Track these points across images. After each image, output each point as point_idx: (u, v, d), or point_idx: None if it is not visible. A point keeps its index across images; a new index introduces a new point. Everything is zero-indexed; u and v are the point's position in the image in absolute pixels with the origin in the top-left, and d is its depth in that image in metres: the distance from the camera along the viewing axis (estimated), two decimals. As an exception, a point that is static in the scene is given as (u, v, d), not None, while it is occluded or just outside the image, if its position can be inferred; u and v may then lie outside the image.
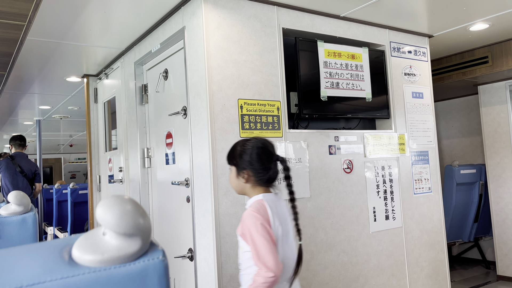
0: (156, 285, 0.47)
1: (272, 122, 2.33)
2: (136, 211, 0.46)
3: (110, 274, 0.44)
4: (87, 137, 3.81)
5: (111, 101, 3.63)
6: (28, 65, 3.21)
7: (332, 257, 2.46)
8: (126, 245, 0.45)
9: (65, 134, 8.45)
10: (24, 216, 1.18)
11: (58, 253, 0.45)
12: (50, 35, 2.64)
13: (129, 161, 3.18)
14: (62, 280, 0.41)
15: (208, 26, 2.18)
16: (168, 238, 2.72)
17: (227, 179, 2.14)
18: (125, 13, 2.47)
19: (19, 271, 0.41)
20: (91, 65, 3.54)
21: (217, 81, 2.18)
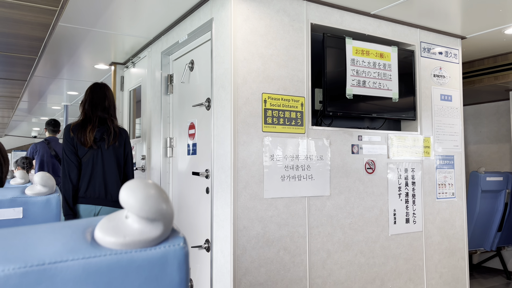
0: (175, 271, 0.46)
1: (295, 118, 2.31)
2: (159, 196, 0.45)
3: (131, 257, 0.44)
4: (111, 124, 3.88)
5: (137, 90, 3.68)
6: (58, 51, 3.28)
7: (349, 257, 2.43)
8: (148, 229, 0.45)
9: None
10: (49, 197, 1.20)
11: (81, 233, 0.45)
12: (81, 22, 2.69)
13: (151, 149, 3.22)
14: (84, 260, 0.41)
15: (236, 18, 2.17)
16: (186, 228, 2.74)
17: (248, 173, 2.15)
18: (155, 3, 2.49)
19: (42, 249, 0.41)
20: (119, 53, 3.59)
21: (242, 74, 2.17)
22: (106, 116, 2.56)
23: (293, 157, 2.28)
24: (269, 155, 2.21)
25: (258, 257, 2.14)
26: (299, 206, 2.28)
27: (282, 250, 2.21)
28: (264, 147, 2.20)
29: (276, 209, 2.21)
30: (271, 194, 2.20)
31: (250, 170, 2.16)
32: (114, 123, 2.60)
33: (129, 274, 0.44)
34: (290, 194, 2.25)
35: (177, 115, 2.96)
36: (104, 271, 0.42)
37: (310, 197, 2.32)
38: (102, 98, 2.58)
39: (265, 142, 2.21)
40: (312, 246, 2.30)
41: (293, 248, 2.24)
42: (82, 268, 0.41)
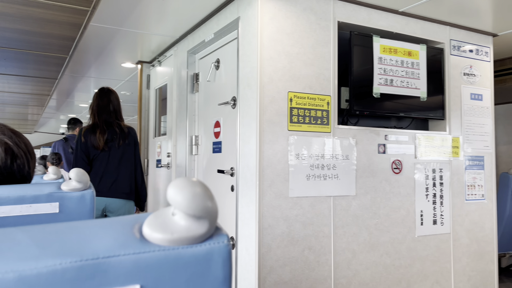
0: (220, 268, 0.47)
1: (321, 117, 2.30)
2: (205, 194, 0.46)
3: (178, 253, 0.45)
4: (138, 122, 3.95)
5: (163, 88, 3.73)
6: (88, 49, 3.36)
7: (374, 258, 2.41)
8: (194, 226, 0.46)
9: (116, 118, 8.80)
10: (83, 192, 1.24)
11: (130, 229, 0.46)
12: (111, 22, 2.74)
13: (177, 147, 3.26)
14: (134, 255, 0.43)
15: (263, 17, 2.17)
16: (210, 225, 2.77)
17: (273, 171, 2.15)
18: (182, 2, 2.52)
19: (95, 243, 0.42)
20: (145, 52, 3.65)
21: (268, 72, 2.18)
22: (111, 119, 2.76)
23: (319, 156, 2.27)
24: (294, 154, 2.21)
25: (282, 256, 2.14)
26: (324, 206, 2.27)
27: (307, 249, 2.20)
28: (289, 146, 2.20)
29: (301, 208, 2.20)
30: (296, 193, 2.20)
31: (275, 169, 2.16)
32: (120, 124, 2.79)
33: (176, 269, 0.45)
34: (315, 193, 2.24)
35: (202, 113, 2.99)
36: (153, 266, 0.44)
37: (336, 197, 2.31)
38: (107, 103, 2.78)
39: (290, 141, 2.21)
40: (337, 246, 2.29)
41: (318, 248, 2.24)
42: (133, 263, 0.42)
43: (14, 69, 3.56)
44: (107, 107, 2.76)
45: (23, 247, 0.39)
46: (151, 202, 3.83)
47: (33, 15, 2.08)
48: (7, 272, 0.36)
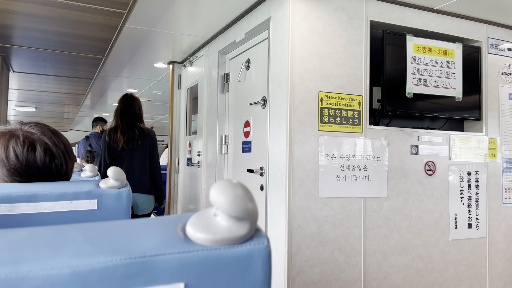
0: (260, 269, 0.48)
1: (352, 117, 2.28)
2: (246, 196, 0.48)
3: (220, 253, 0.46)
4: (169, 121, 4.02)
5: (193, 88, 3.79)
6: (122, 50, 3.45)
7: (406, 261, 2.36)
8: (236, 227, 0.47)
9: (147, 117, 9.00)
10: (120, 190, 1.27)
11: (174, 228, 0.48)
12: (145, 23, 2.81)
13: (207, 146, 3.30)
14: (179, 254, 0.44)
15: (294, 17, 2.17)
16: (240, 224, 2.79)
17: (303, 171, 2.15)
18: (213, 3, 2.55)
19: (143, 242, 0.44)
20: (177, 53, 3.71)
21: (299, 72, 2.17)
22: (132, 122, 3.05)
23: (350, 157, 2.25)
24: (325, 154, 2.20)
25: (312, 256, 2.13)
26: (355, 207, 2.25)
27: (336, 250, 2.19)
28: (319, 146, 2.19)
29: (331, 209, 2.19)
30: (327, 194, 2.19)
31: (305, 169, 2.16)
32: (140, 127, 3.08)
33: (218, 269, 0.46)
34: (345, 194, 2.23)
35: (232, 113, 3.01)
36: (196, 265, 0.45)
37: (367, 198, 2.28)
38: (129, 107, 3.07)
39: (321, 141, 2.20)
40: (367, 247, 2.26)
41: (348, 249, 2.22)
42: (178, 261, 0.44)
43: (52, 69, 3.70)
44: (129, 111, 3.05)
45: (77, 244, 0.41)
46: (181, 199, 3.90)
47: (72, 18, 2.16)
48: (63, 268, 0.38)
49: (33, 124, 1.14)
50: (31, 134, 1.10)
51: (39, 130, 1.12)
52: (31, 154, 1.08)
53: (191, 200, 3.63)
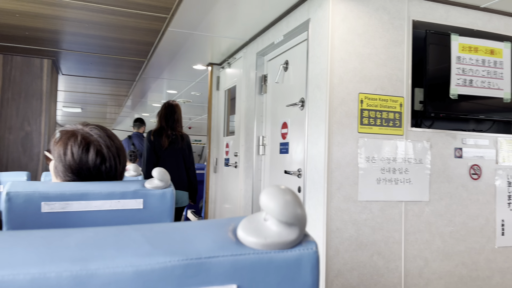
0: (309, 274, 0.49)
1: (393, 119, 2.23)
2: (296, 202, 0.49)
3: (271, 257, 0.48)
4: (208, 122, 4.09)
5: (231, 89, 3.83)
6: (163, 53, 3.55)
7: (448, 267, 2.29)
8: (285, 232, 0.48)
9: (185, 117, 9.19)
10: (164, 190, 1.31)
11: (225, 231, 0.50)
12: (186, 26, 2.88)
13: (244, 147, 3.34)
14: (232, 257, 0.46)
15: (334, 18, 2.16)
16: (277, 225, 2.80)
17: (342, 174, 2.13)
18: (252, 6, 2.58)
19: (198, 244, 0.46)
20: (215, 55, 3.77)
21: (338, 74, 2.16)
22: (174, 126, 3.41)
23: (390, 160, 2.21)
24: (364, 156, 2.17)
25: (350, 260, 2.11)
26: (395, 211, 2.20)
27: (376, 254, 2.16)
28: (359, 148, 2.17)
29: (370, 212, 2.16)
30: (366, 197, 2.16)
31: (344, 172, 2.14)
32: (180, 131, 3.44)
33: (269, 272, 0.47)
34: (385, 198, 2.19)
35: (270, 114, 3.03)
36: (248, 268, 0.47)
37: (407, 202, 2.23)
38: (172, 113, 3.43)
39: (360, 143, 2.17)
40: (408, 252, 2.21)
41: (388, 254, 2.18)
42: (231, 264, 0.46)
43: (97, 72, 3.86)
44: (172, 116, 3.42)
45: (138, 245, 0.44)
46: (219, 199, 3.96)
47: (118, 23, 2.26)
48: (127, 267, 0.41)
49: (94, 126, 1.21)
50: (89, 136, 1.17)
51: (97, 132, 1.19)
52: (84, 155, 1.14)
53: (229, 200, 3.68)
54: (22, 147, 3.11)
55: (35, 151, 3.16)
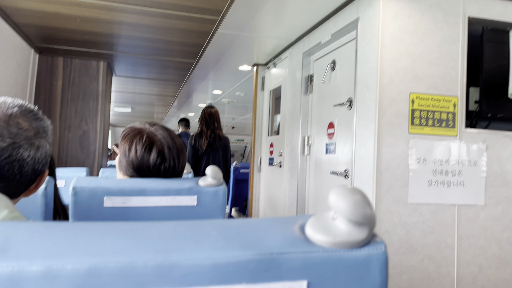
0: (377, 274, 0.49)
1: (446, 119, 2.16)
2: (366, 201, 0.49)
3: (340, 256, 0.48)
4: (252, 121, 4.14)
5: (276, 89, 3.85)
6: (210, 54, 3.62)
7: (505, 275, 2.18)
8: (354, 232, 0.49)
9: (228, 117, 9.32)
10: (217, 188, 1.34)
11: (294, 228, 0.51)
12: (234, 28, 2.93)
13: (289, 147, 3.34)
14: (302, 254, 0.47)
15: (384, 16, 2.12)
16: (322, 226, 2.78)
17: (391, 175, 2.08)
18: (299, 6, 2.58)
19: (269, 240, 0.48)
20: (261, 55, 3.80)
21: (388, 73, 2.11)
22: (213, 129, 3.84)
23: (442, 161, 2.14)
24: (415, 158, 2.11)
25: (400, 263, 2.06)
26: (447, 214, 2.13)
27: (426, 258, 2.09)
28: (410, 149, 2.11)
29: (421, 215, 2.10)
30: (416, 199, 2.10)
31: (393, 173, 2.09)
32: (219, 133, 3.88)
33: (338, 270, 0.48)
34: (437, 201, 2.12)
35: (316, 114, 3.02)
36: (318, 265, 0.48)
37: (461, 206, 2.14)
38: (211, 117, 3.87)
39: (411, 144, 2.11)
40: (461, 258, 2.13)
41: (439, 258, 2.11)
42: (301, 260, 0.47)
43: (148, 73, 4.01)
44: (211, 120, 3.86)
45: (214, 239, 0.46)
46: (263, 198, 3.99)
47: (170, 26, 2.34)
48: (205, 259, 0.43)
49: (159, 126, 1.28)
50: (153, 136, 1.23)
51: (161, 133, 1.25)
52: (147, 154, 1.21)
53: (273, 199, 3.70)
54: (80, 144, 3.30)
55: (92, 149, 3.34)
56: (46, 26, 2.55)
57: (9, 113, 0.83)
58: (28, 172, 0.85)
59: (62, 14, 2.28)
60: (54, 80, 3.26)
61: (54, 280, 0.38)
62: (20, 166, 0.82)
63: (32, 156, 0.84)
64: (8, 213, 0.79)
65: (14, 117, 0.83)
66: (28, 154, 0.83)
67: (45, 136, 0.90)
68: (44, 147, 0.88)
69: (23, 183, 0.86)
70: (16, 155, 0.81)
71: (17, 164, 0.81)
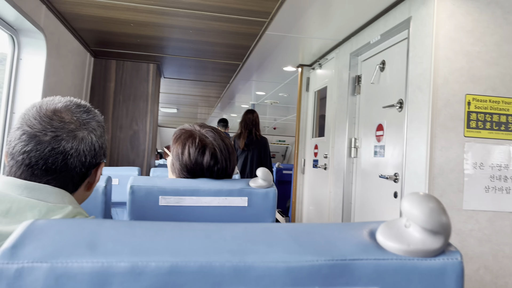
0: (453, 285, 0.48)
1: (505, 123, 2.05)
2: (441, 209, 0.48)
3: (414, 264, 0.47)
4: (296, 122, 4.12)
5: (321, 90, 3.81)
6: (256, 56, 3.65)
7: None
8: (429, 240, 0.48)
9: (270, 118, 9.34)
10: (268, 190, 1.34)
11: (365, 235, 0.50)
12: (281, 29, 2.93)
13: (335, 149, 3.30)
14: (375, 261, 0.46)
15: (439, 15, 2.04)
16: (369, 230, 2.73)
17: (444, 180, 2.01)
18: (347, 6, 2.54)
19: (341, 245, 0.47)
20: (306, 56, 3.78)
21: (443, 74, 2.04)
22: (251, 130, 4.22)
23: (501, 167, 2.03)
24: (471, 162, 2.02)
25: (453, 272, 1.98)
26: (505, 222, 2.02)
27: (482, 268, 1.99)
28: (465, 153, 2.02)
29: (476, 222, 2.00)
30: (472, 206, 2.01)
31: (447, 178, 2.01)
32: (257, 134, 4.25)
33: (411, 279, 0.47)
34: (495, 208, 2.01)
35: (363, 116, 2.96)
36: (391, 273, 0.47)
37: (521, 214, 2.03)
38: (250, 119, 4.25)
39: (466, 148, 2.02)
40: (520, 269, 2.01)
41: (496, 269, 2.00)
42: (374, 267, 0.46)
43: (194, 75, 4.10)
44: (251, 122, 4.24)
45: (286, 242, 0.47)
46: (306, 200, 3.96)
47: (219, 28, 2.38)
48: (279, 262, 0.44)
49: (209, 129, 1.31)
50: (205, 138, 1.26)
51: (212, 135, 1.28)
52: (200, 156, 1.23)
53: (316, 202, 3.66)
54: (130, 144, 3.43)
55: (141, 148, 3.46)
56: (102, 31, 2.68)
57: (52, 109, 0.86)
58: (74, 164, 0.86)
59: (117, 19, 2.38)
60: (107, 82, 3.41)
61: (139, 277, 0.40)
62: (64, 158, 0.84)
63: (76, 148, 0.85)
64: (72, 209, 0.82)
65: (57, 112, 0.86)
66: (71, 146, 0.85)
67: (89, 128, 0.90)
68: (88, 139, 0.89)
69: (73, 176, 0.87)
70: (58, 147, 0.83)
71: (60, 156, 0.83)
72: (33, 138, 0.81)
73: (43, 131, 0.82)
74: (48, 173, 0.83)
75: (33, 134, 0.81)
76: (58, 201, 0.82)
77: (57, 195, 0.82)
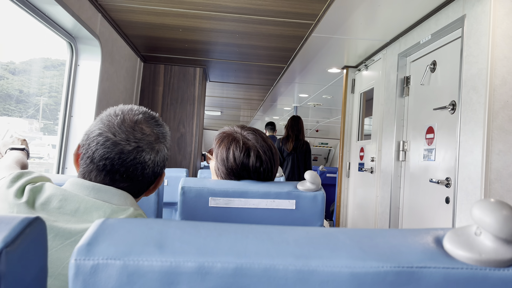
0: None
1: None
2: (515, 218, 0.45)
3: (486, 275, 0.45)
4: (341, 125, 4.06)
5: (367, 92, 3.73)
6: (301, 58, 3.63)
7: None
8: (503, 250, 0.45)
9: (313, 120, 9.25)
10: (316, 193, 1.33)
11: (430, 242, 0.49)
12: (327, 31, 2.90)
13: (382, 152, 3.21)
14: (444, 270, 0.44)
15: (496, 13, 1.94)
16: (418, 236, 2.63)
17: (502, 186, 1.90)
18: (396, 6, 2.47)
19: (406, 252, 0.46)
20: (351, 57, 3.72)
21: (501, 74, 1.93)
22: (297, 134, 4.46)
23: None
24: (532, 167, 1.90)
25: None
26: None
27: (545, 281, 1.86)
28: (525, 158, 1.90)
29: (539, 231, 1.88)
30: (533, 214, 1.88)
31: (505, 183, 1.90)
32: (302, 138, 4.49)
33: (483, 290, 0.45)
34: (559, 216, 1.88)
35: (412, 118, 2.86)
36: (460, 283, 0.45)
37: None
38: (296, 125, 4.49)
39: (527, 153, 1.90)
40: None
41: (561, 282, 1.86)
42: (443, 277, 0.45)
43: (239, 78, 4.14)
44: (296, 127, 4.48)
45: (349, 248, 0.46)
46: (351, 204, 3.88)
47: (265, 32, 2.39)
48: (343, 267, 0.43)
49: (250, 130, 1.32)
50: (247, 140, 1.27)
51: (254, 137, 1.28)
52: (246, 159, 1.24)
53: (363, 206, 3.58)
54: (178, 146, 3.53)
55: (188, 150, 3.55)
56: (152, 36, 2.77)
57: (135, 120, 0.91)
58: (148, 174, 0.92)
59: (167, 25, 2.46)
60: (156, 86, 3.52)
61: (206, 277, 0.41)
62: (143, 168, 0.90)
63: (153, 159, 0.92)
64: (133, 211, 0.86)
65: (139, 123, 0.91)
66: (150, 158, 0.90)
67: (164, 141, 0.97)
68: (162, 151, 0.95)
69: (145, 184, 0.94)
70: (140, 158, 0.88)
71: (140, 166, 0.89)
72: (116, 145, 0.86)
73: (127, 141, 0.87)
74: (127, 180, 0.88)
75: (117, 142, 0.86)
76: (121, 202, 0.86)
77: (120, 197, 0.86)
